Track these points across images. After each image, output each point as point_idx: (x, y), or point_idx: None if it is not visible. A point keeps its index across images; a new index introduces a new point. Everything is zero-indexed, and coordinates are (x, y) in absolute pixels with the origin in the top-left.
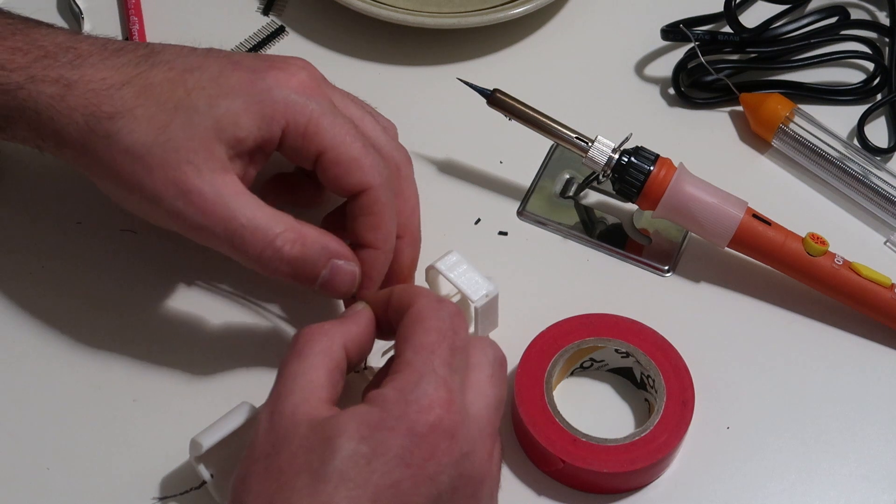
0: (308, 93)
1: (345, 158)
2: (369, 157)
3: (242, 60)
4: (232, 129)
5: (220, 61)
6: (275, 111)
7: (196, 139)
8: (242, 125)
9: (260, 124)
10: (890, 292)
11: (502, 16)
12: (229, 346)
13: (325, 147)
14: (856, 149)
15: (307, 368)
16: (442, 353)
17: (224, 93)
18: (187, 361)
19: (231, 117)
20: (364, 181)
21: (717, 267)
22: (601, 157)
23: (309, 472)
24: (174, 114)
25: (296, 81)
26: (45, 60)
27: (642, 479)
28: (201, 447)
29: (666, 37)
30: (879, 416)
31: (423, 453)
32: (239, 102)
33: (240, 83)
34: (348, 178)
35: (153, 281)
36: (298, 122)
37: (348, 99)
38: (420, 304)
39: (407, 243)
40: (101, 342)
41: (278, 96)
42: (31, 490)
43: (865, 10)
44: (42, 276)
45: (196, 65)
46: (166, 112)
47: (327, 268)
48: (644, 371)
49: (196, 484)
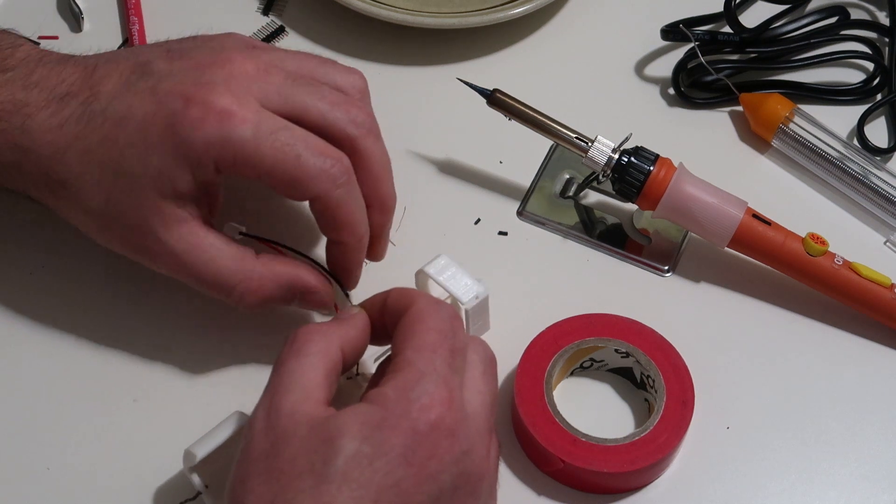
0: (231, 120)
1: (283, 179)
2: (309, 169)
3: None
4: (170, 184)
5: (145, 102)
6: (200, 156)
7: (140, 203)
8: (178, 178)
9: (193, 171)
10: (890, 292)
11: (502, 16)
12: (229, 347)
13: (260, 172)
14: (856, 149)
15: (306, 367)
16: (442, 353)
17: (152, 148)
18: (187, 361)
19: (165, 174)
20: (308, 194)
21: (717, 267)
22: (601, 157)
23: (311, 472)
24: (115, 181)
25: (218, 108)
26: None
27: (642, 479)
28: (195, 457)
29: (666, 37)
30: (879, 416)
31: (425, 452)
32: (168, 158)
33: (163, 135)
34: (293, 193)
35: (153, 281)
36: (225, 158)
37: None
38: (420, 304)
39: (375, 210)
40: (101, 342)
41: (199, 140)
42: (31, 490)
43: (865, 10)
44: (42, 276)
45: (124, 111)
46: (108, 177)
47: (297, 296)
48: (644, 371)
49: (191, 495)
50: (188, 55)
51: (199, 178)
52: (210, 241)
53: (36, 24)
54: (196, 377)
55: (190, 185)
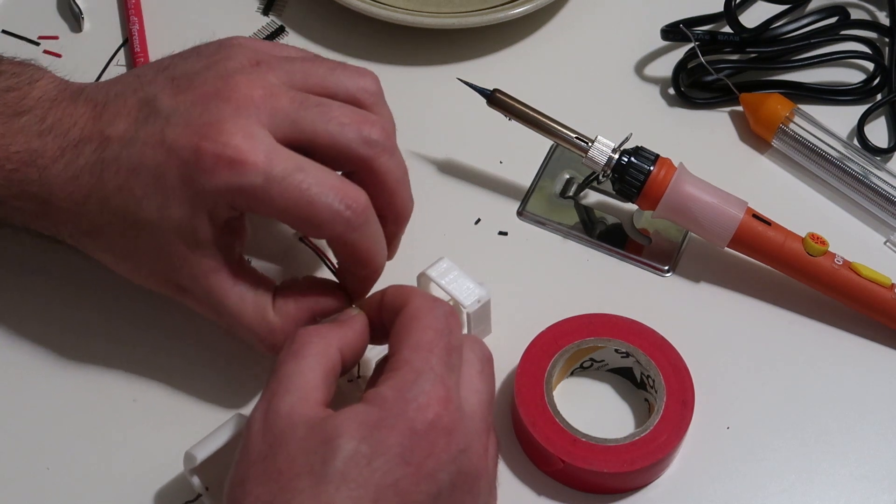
0: (242, 167)
1: (297, 221)
2: (322, 213)
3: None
4: (191, 232)
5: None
6: (216, 203)
7: (165, 252)
8: (198, 227)
9: (211, 218)
10: (890, 292)
11: (502, 16)
12: (229, 348)
13: (276, 213)
14: (856, 149)
15: (304, 369)
16: (439, 352)
17: (168, 200)
18: (187, 362)
19: (185, 224)
20: (324, 235)
21: (717, 267)
22: (601, 157)
23: (310, 473)
24: (139, 232)
25: (228, 155)
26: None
27: (642, 479)
28: (195, 459)
29: (666, 37)
30: (879, 416)
31: (423, 451)
32: (186, 209)
33: (177, 187)
34: (311, 232)
35: None
36: (239, 203)
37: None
38: (416, 303)
39: (390, 222)
40: (101, 343)
41: (211, 189)
42: (31, 490)
43: (865, 10)
44: (42, 276)
45: (136, 161)
46: (130, 228)
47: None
48: (644, 371)
49: (191, 497)
50: (192, 85)
51: (219, 223)
52: (236, 294)
53: (36, 24)
54: (196, 377)
55: (211, 232)
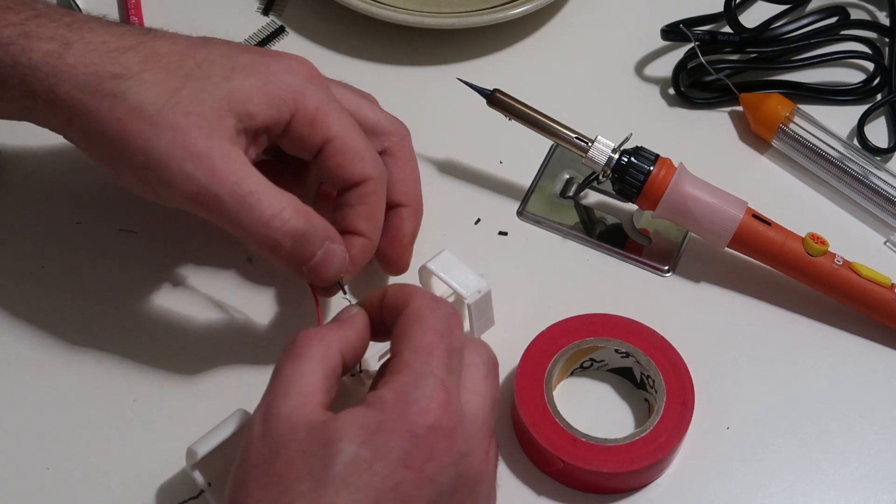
0: (316, 81)
1: (349, 148)
2: (370, 150)
3: (247, 47)
4: (244, 103)
5: (226, 43)
6: (286, 95)
7: (207, 105)
8: (255, 102)
9: (271, 105)
10: (890, 292)
11: (502, 16)
12: (229, 347)
13: (332, 136)
14: (856, 149)
15: (305, 372)
16: (439, 354)
17: (236, 69)
18: (187, 361)
19: (244, 92)
20: (365, 172)
21: (717, 267)
22: (601, 157)
23: (310, 477)
24: (185, 81)
25: (305, 70)
26: (39, 19)
27: (642, 479)
28: (197, 455)
29: (666, 37)
30: (879, 416)
31: (423, 455)
32: (252, 80)
33: (252, 63)
34: (350, 167)
35: (153, 281)
36: (308, 108)
37: (344, 88)
38: (416, 303)
39: (410, 212)
40: (101, 342)
41: (290, 81)
42: (31, 490)
43: (865, 10)
44: (42, 276)
45: (202, 43)
46: (177, 78)
47: (322, 249)
48: (644, 371)
49: (195, 493)
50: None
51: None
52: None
53: None
54: (196, 377)
55: (260, 116)
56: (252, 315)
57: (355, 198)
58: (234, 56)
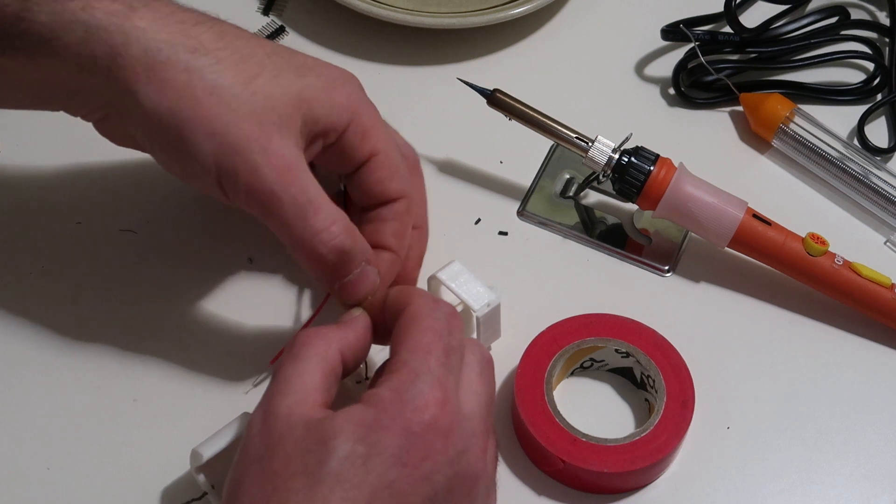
0: (365, 95)
1: (392, 164)
2: (405, 169)
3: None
4: (311, 103)
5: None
6: (347, 103)
7: (282, 101)
8: (322, 103)
9: (333, 110)
10: (890, 292)
11: (502, 16)
12: (229, 347)
13: (378, 150)
14: (856, 149)
15: (303, 371)
16: (437, 353)
17: (305, 68)
18: (187, 361)
19: (314, 92)
20: (403, 189)
21: (717, 267)
22: (601, 157)
23: (305, 473)
24: (260, 69)
25: (358, 82)
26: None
27: (642, 479)
28: (201, 458)
29: (666, 37)
30: (879, 416)
31: (419, 453)
32: (322, 81)
33: (315, 66)
34: (391, 183)
35: (153, 281)
36: (362, 120)
37: None
38: (416, 304)
39: (419, 235)
40: (101, 342)
41: (351, 90)
42: (31, 490)
43: (865, 10)
44: (42, 276)
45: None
46: (252, 65)
47: (359, 268)
48: (644, 371)
49: (197, 495)
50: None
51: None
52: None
53: None
54: (196, 377)
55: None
56: (252, 315)
57: (390, 213)
58: (297, 55)
